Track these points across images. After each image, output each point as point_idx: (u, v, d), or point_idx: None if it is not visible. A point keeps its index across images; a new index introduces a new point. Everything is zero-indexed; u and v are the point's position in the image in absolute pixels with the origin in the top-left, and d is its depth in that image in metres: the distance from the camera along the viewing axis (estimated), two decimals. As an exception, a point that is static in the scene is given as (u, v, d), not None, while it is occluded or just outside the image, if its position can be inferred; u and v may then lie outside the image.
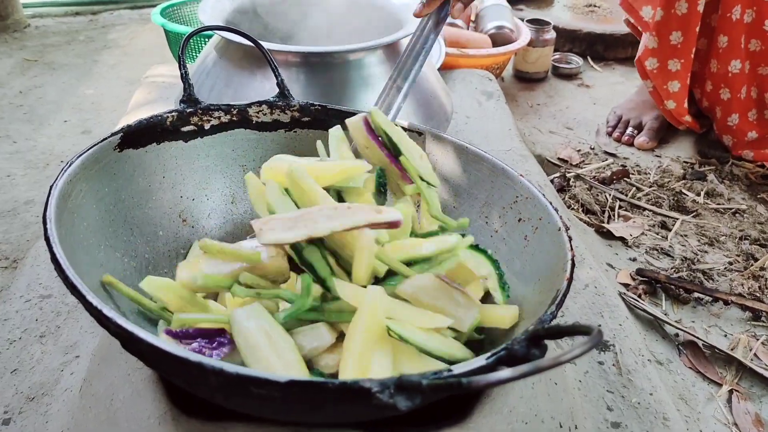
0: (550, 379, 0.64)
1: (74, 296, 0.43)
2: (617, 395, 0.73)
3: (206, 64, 0.97)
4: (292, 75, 0.92)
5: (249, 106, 0.73)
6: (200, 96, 0.95)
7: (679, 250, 1.14)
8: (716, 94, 1.39)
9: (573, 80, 1.86)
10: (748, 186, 1.34)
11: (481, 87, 1.43)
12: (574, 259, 0.53)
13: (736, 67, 1.34)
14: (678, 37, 1.34)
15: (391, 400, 0.37)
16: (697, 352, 0.92)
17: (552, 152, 1.47)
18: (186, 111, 0.69)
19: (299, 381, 0.38)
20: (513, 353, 0.41)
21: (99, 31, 2.18)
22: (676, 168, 1.41)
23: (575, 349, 0.32)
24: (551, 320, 0.46)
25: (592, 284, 0.89)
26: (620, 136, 1.51)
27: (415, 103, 0.97)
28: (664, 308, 1.01)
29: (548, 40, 1.75)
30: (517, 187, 0.66)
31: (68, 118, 1.59)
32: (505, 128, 1.28)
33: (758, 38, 1.32)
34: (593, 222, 1.20)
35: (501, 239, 0.66)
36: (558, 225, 0.58)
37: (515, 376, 0.32)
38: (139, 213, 0.65)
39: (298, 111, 0.75)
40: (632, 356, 0.78)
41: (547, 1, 2.21)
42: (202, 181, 0.72)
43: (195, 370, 0.39)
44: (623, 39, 1.92)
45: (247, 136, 0.74)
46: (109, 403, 0.58)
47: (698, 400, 0.86)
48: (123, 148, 0.63)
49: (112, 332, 0.43)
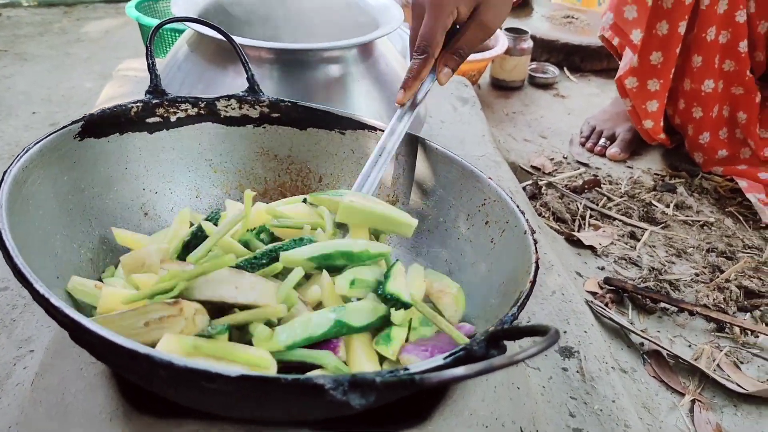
0: (512, 384, 0.63)
1: (21, 284, 0.42)
2: (580, 401, 0.73)
3: (177, 57, 0.96)
4: (265, 71, 0.91)
5: (217, 99, 0.72)
6: (170, 89, 0.93)
7: (647, 261, 1.14)
8: (689, 112, 1.41)
9: (549, 90, 1.87)
10: (717, 199, 1.36)
11: (457, 92, 1.43)
12: (538, 262, 0.53)
13: (710, 86, 1.36)
14: (658, 58, 1.35)
15: (344, 397, 0.36)
16: (661, 361, 0.93)
17: (525, 160, 1.47)
18: (152, 102, 0.68)
19: (250, 376, 0.37)
20: (472, 353, 0.41)
21: (73, 23, 2.15)
22: (647, 179, 1.42)
23: (530, 349, 0.32)
24: (512, 321, 0.46)
25: (559, 291, 0.89)
26: (593, 146, 1.53)
27: (387, 105, 0.96)
28: (630, 317, 1.01)
29: (525, 49, 1.76)
30: (485, 189, 0.65)
31: (37, 109, 1.56)
32: (479, 134, 1.28)
33: (732, 59, 1.34)
34: (563, 230, 1.20)
35: (468, 241, 0.66)
36: (524, 228, 0.58)
37: (469, 374, 0.31)
38: (99, 204, 0.63)
39: (267, 107, 0.74)
40: (596, 363, 0.78)
41: (526, 11, 2.22)
42: (166, 174, 0.70)
43: (144, 363, 0.38)
44: (600, 51, 1.94)
45: (214, 130, 0.73)
46: (61, 398, 0.57)
47: (661, 409, 0.86)
48: (84, 136, 0.62)
49: (60, 322, 0.41)
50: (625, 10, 1.32)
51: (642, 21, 1.30)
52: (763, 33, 1.33)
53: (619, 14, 1.33)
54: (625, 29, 1.32)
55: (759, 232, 1.26)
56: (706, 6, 1.29)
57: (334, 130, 0.76)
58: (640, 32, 1.31)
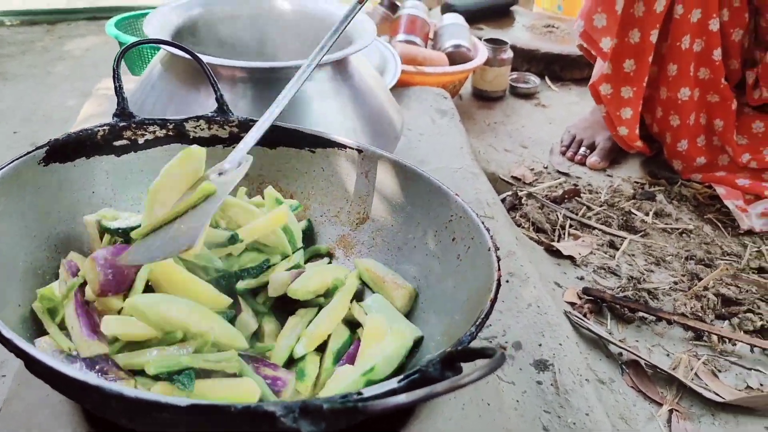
0: (482, 400, 0.63)
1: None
2: (554, 415, 0.73)
3: (151, 77, 0.96)
4: (239, 90, 0.91)
5: (186, 120, 0.72)
6: (143, 109, 0.93)
7: (626, 270, 1.15)
8: (666, 120, 1.42)
9: (530, 100, 1.88)
10: (696, 206, 1.37)
11: (435, 105, 1.43)
12: (500, 280, 0.53)
13: (686, 94, 1.37)
14: (631, 65, 1.36)
15: (294, 424, 0.36)
16: (639, 371, 0.93)
17: (506, 170, 1.48)
18: (119, 125, 0.68)
19: (200, 405, 0.37)
20: (427, 375, 0.41)
21: (55, 41, 2.15)
22: (626, 188, 1.43)
23: (472, 374, 0.32)
24: (470, 341, 0.46)
25: (535, 303, 0.89)
26: (573, 155, 1.53)
27: (362, 120, 0.97)
28: (609, 327, 1.01)
29: (505, 60, 1.77)
30: (452, 206, 0.65)
31: (18, 129, 1.56)
32: (458, 146, 1.29)
33: (707, 67, 1.35)
34: (543, 240, 1.21)
35: (435, 258, 0.66)
36: (488, 245, 0.58)
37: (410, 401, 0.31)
38: (65, 229, 0.63)
39: (236, 126, 0.75)
40: (571, 376, 0.78)
41: (507, 21, 2.24)
42: (135, 197, 0.70)
43: (95, 395, 0.38)
44: (580, 60, 1.95)
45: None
46: (27, 426, 0.56)
47: (639, 419, 0.86)
48: (49, 162, 0.62)
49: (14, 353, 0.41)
50: (595, 18, 1.33)
51: (612, 29, 1.31)
52: (737, 41, 1.35)
53: (589, 22, 1.34)
54: (594, 37, 1.33)
55: (737, 239, 1.26)
56: (680, 15, 1.30)
57: (304, 148, 0.76)
58: (609, 40, 1.32)
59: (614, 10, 1.30)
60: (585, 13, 1.35)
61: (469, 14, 1.99)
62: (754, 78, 1.38)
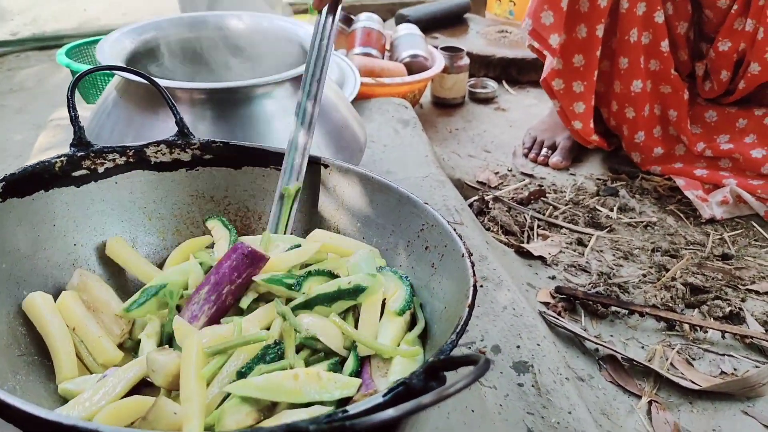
0: (466, 407, 0.63)
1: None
2: (537, 416, 0.73)
3: (107, 104, 0.94)
4: (198, 112, 0.90)
5: (146, 146, 0.71)
6: (101, 138, 0.92)
7: (596, 266, 1.16)
8: (622, 113, 1.45)
9: (489, 104, 1.90)
10: (657, 199, 1.39)
11: (397, 115, 1.44)
12: (476, 285, 0.53)
13: (638, 86, 1.40)
14: (580, 60, 1.39)
15: (281, 448, 0.35)
16: (616, 365, 0.94)
17: (471, 176, 1.49)
18: (77, 155, 0.66)
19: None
20: (411, 388, 0.40)
21: (4, 74, 2.10)
22: (590, 185, 1.45)
23: (459, 383, 0.32)
24: (451, 350, 0.46)
25: (510, 306, 0.90)
26: (536, 156, 1.55)
27: (326, 134, 0.96)
28: (584, 324, 1.02)
29: (462, 66, 1.78)
30: (422, 215, 0.65)
31: (-30, 165, 1.51)
32: (422, 155, 1.29)
33: (656, 58, 1.38)
34: (513, 243, 1.22)
35: (410, 268, 0.66)
36: (461, 251, 0.58)
37: (398, 415, 0.31)
38: (28, 265, 0.61)
39: (199, 149, 0.73)
40: (551, 375, 0.78)
41: (461, 29, 2.26)
42: (97, 227, 0.68)
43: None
44: (535, 63, 1.98)
45: (146, 177, 0.72)
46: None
47: (619, 413, 0.87)
48: (6, 197, 0.60)
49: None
50: (542, 16, 1.35)
51: (559, 25, 1.34)
52: (682, 34, 1.39)
53: (537, 20, 1.36)
54: (543, 34, 1.35)
55: (700, 228, 1.29)
56: (625, 9, 1.33)
57: (269, 166, 0.76)
58: (557, 36, 1.34)
59: (560, 7, 1.32)
60: (532, 11, 1.37)
61: (423, 24, 2.00)
62: (703, 70, 1.42)
